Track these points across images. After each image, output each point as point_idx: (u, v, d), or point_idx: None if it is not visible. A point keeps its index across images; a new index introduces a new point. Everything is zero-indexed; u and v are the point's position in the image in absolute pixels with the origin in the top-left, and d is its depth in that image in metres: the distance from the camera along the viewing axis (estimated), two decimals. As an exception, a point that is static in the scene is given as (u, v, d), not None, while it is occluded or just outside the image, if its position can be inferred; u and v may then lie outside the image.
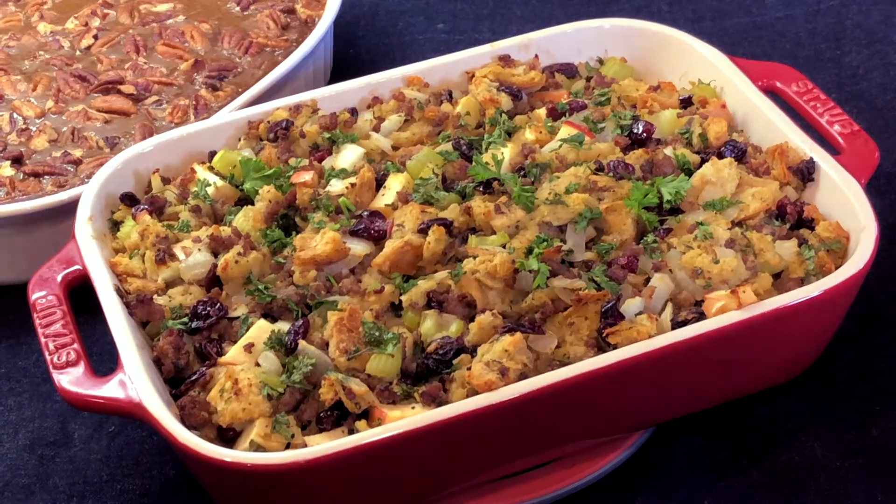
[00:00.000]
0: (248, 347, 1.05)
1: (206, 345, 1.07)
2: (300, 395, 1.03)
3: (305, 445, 0.99)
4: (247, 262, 1.12)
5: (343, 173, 1.22)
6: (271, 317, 1.09)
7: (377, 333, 1.04)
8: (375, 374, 1.03)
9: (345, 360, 1.03)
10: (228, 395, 0.99)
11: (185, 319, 1.09)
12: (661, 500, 1.14)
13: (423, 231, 1.11)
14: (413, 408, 1.00)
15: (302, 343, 1.04)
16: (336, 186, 1.20)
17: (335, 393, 1.00)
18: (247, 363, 1.04)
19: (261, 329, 1.06)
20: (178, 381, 1.07)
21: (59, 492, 1.18)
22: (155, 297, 1.12)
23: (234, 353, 1.05)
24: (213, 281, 1.13)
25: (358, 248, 1.13)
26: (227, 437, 1.02)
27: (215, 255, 1.14)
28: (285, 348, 1.04)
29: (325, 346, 1.05)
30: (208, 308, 1.09)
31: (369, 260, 1.12)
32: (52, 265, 1.17)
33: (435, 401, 1.00)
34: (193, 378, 1.05)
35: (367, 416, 1.01)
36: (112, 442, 1.22)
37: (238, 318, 1.09)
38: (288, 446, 0.99)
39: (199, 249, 1.14)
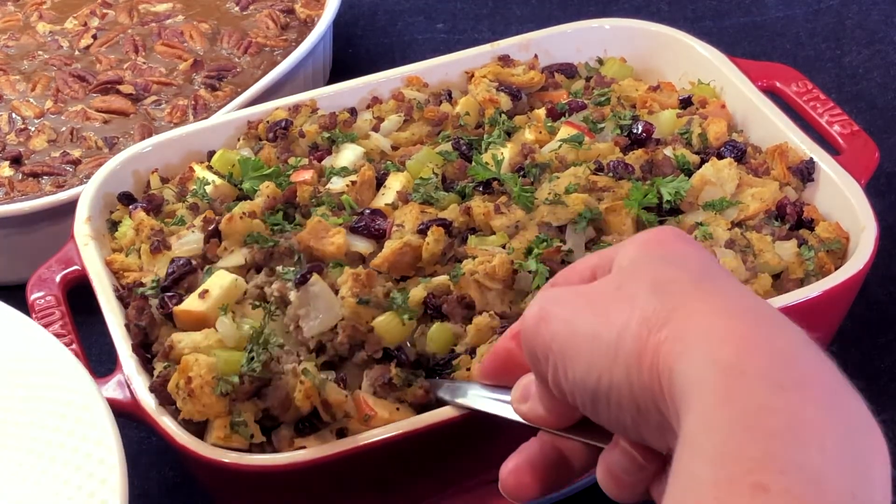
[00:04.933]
0: (203, 294, 1.03)
1: (164, 297, 1.06)
2: (261, 383, 0.99)
3: (268, 442, 0.98)
4: (251, 222, 1.11)
5: (344, 171, 1.22)
6: (270, 269, 1.08)
7: (397, 299, 1.02)
8: (381, 332, 1.01)
9: (354, 303, 1.00)
10: (183, 394, 0.96)
11: (155, 284, 1.09)
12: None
13: (423, 232, 1.11)
14: (398, 409, 0.99)
15: (315, 277, 1.00)
16: (337, 184, 1.20)
17: (310, 403, 0.96)
18: (204, 338, 1.01)
19: (219, 276, 1.05)
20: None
21: (57, 492, 1.18)
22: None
23: (188, 301, 1.04)
24: (212, 233, 1.12)
25: (359, 245, 1.12)
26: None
27: (208, 239, 1.13)
28: (294, 283, 1.00)
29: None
30: (174, 265, 1.08)
31: (370, 258, 1.12)
32: (51, 265, 1.16)
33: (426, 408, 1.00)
34: (155, 354, 1.03)
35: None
36: (111, 442, 1.21)
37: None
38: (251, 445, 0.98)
39: (192, 231, 1.14)
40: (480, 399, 0.91)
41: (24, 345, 1.04)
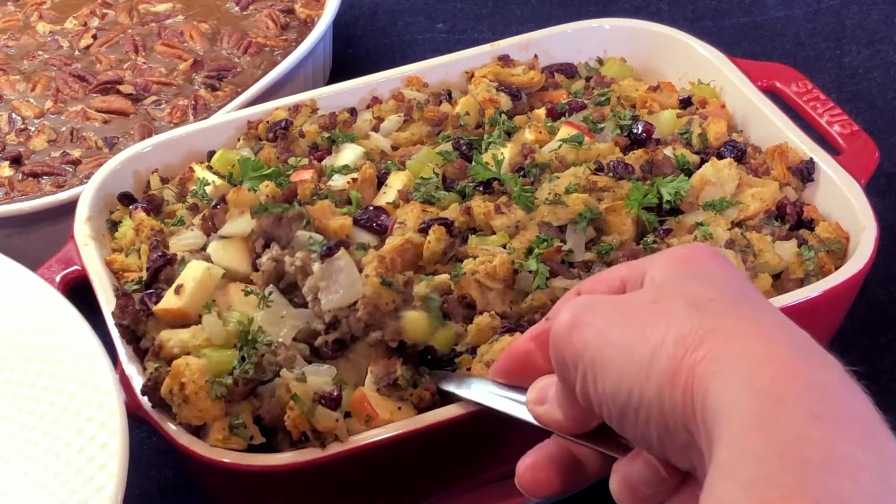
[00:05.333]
0: (178, 289, 1.02)
1: (143, 297, 1.05)
2: (255, 384, 0.98)
3: (268, 442, 0.97)
4: (256, 196, 1.11)
5: (345, 169, 1.22)
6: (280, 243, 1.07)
7: (435, 302, 1.02)
8: (408, 328, 1.00)
9: (377, 283, 0.99)
10: (178, 400, 0.96)
11: (139, 280, 1.09)
12: (660, 500, 1.14)
13: (424, 230, 1.11)
14: (399, 408, 0.99)
15: (342, 251, 0.99)
16: (338, 181, 1.20)
17: (298, 431, 0.95)
18: (192, 337, 1.00)
19: (191, 269, 1.04)
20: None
21: (57, 492, 1.17)
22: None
23: (165, 299, 1.03)
24: (212, 228, 1.12)
25: (363, 237, 1.12)
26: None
27: (208, 235, 1.13)
28: (320, 255, 0.99)
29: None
30: (150, 260, 1.07)
31: (372, 256, 1.12)
32: (51, 265, 1.16)
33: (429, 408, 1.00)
34: (146, 352, 1.03)
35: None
36: (111, 442, 1.21)
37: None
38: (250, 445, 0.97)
39: (191, 229, 1.14)
40: (491, 396, 0.90)
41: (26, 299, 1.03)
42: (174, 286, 1.03)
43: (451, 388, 0.98)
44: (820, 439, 0.57)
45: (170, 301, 1.03)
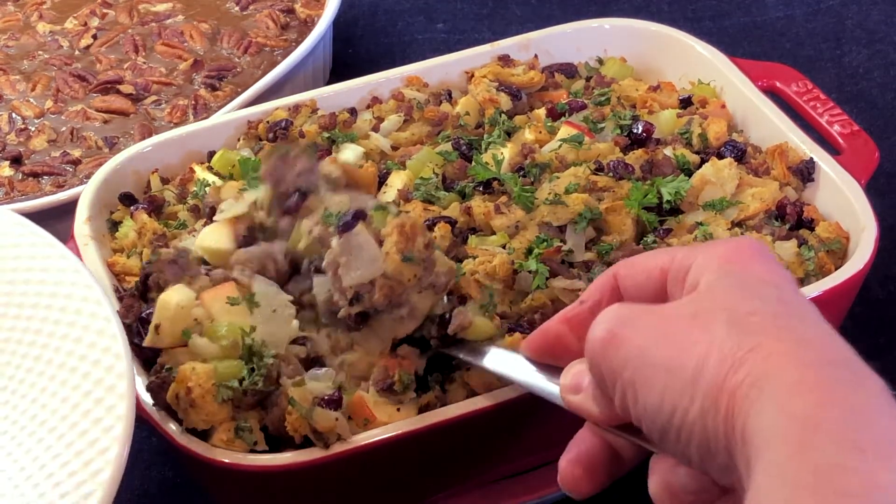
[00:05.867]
0: (157, 329, 0.99)
1: (136, 326, 1.02)
2: (262, 396, 0.98)
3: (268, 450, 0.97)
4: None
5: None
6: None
7: (492, 303, 1.02)
8: (472, 332, 1.00)
9: (398, 260, 0.97)
10: (185, 405, 0.95)
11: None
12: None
13: (430, 228, 1.11)
14: (398, 409, 0.99)
15: (360, 227, 0.97)
16: (340, 178, 1.20)
17: (300, 435, 0.95)
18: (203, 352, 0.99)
19: (163, 307, 0.99)
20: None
21: (57, 492, 1.17)
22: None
23: (149, 338, 0.99)
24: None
25: None
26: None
27: None
28: (338, 229, 0.98)
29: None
30: (142, 272, 1.05)
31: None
32: (51, 265, 1.16)
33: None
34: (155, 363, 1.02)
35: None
36: (111, 442, 1.21)
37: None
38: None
39: (194, 236, 1.13)
40: (518, 370, 0.88)
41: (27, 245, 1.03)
42: (153, 325, 0.99)
43: (470, 358, 0.97)
44: (858, 469, 0.56)
45: (153, 340, 0.99)
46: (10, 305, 0.98)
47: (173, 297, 0.99)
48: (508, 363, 0.92)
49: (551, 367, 0.85)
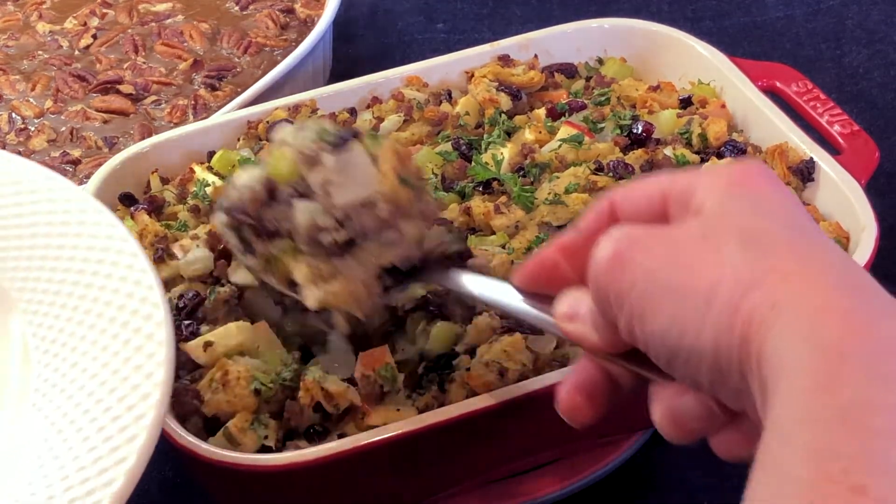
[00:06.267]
0: (206, 346, 1.02)
1: (181, 324, 1.05)
2: (284, 397, 1.00)
3: (275, 448, 0.98)
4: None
5: (347, 166, 1.22)
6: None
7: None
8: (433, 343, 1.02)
9: (395, 181, 0.94)
10: (216, 385, 0.98)
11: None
12: (660, 500, 1.14)
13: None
14: (398, 409, 0.99)
15: (356, 144, 0.94)
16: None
17: (312, 398, 0.97)
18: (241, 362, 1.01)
19: (226, 335, 1.03)
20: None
21: (57, 492, 1.17)
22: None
23: (193, 347, 1.02)
24: (220, 254, 1.11)
25: None
26: (211, 427, 1.00)
27: (213, 250, 1.13)
28: (332, 145, 0.94)
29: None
30: (184, 300, 1.07)
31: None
32: (51, 265, 1.16)
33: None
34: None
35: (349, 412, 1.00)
36: (111, 442, 1.21)
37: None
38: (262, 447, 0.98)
39: (198, 245, 1.13)
40: (508, 298, 0.84)
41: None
42: (203, 341, 1.02)
43: (457, 286, 0.93)
44: (888, 405, 0.53)
45: (196, 353, 1.02)
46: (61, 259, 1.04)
47: (236, 335, 1.03)
48: (498, 291, 0.87)
49: (542, 297, 0.81)
